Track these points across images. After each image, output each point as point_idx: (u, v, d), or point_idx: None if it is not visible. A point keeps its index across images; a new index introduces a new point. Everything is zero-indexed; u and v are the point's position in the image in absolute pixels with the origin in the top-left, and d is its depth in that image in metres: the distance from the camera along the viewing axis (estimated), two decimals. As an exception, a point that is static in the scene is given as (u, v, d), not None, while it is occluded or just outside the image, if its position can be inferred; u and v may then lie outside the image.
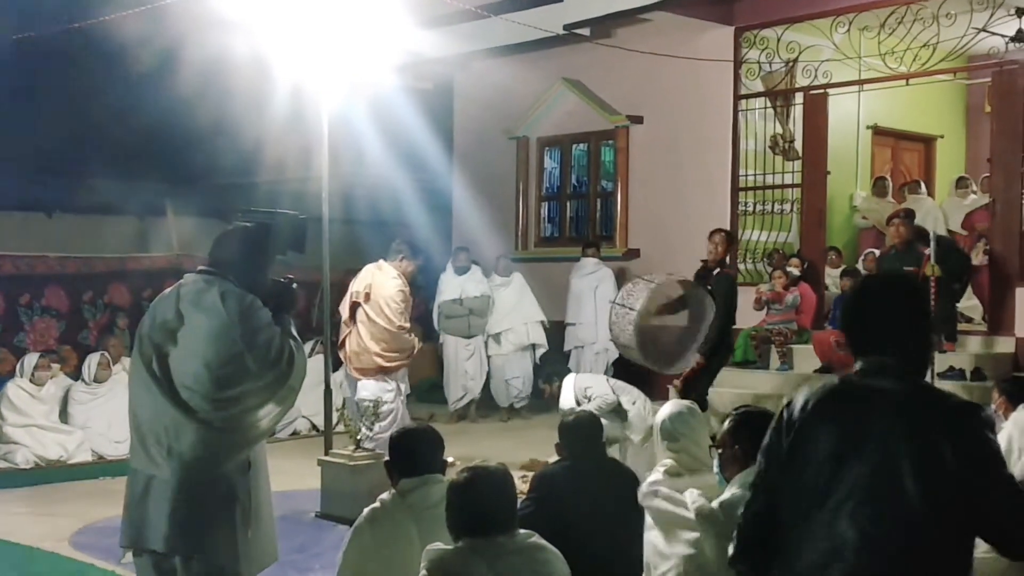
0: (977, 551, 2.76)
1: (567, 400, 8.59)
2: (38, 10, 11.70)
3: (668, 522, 4.41)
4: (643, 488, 4.60)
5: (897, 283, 3.05)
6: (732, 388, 10.66)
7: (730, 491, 4.12)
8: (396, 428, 7.78)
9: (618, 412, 8.46)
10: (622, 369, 10.05)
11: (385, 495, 4.05)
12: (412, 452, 4.07)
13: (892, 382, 2.78)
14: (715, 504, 4.23)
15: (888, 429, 2.70)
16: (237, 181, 15.75)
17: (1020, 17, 10.66)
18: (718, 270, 9.19)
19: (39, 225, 14.66)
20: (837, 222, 13.11)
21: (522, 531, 3.43)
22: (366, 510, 4.03)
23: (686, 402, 5.77)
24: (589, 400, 8.48)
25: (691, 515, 4.27)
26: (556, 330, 12.50)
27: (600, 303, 11.84)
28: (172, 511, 3.84)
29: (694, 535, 4.30)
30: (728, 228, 10.88)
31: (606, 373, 12.22)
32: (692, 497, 4.33)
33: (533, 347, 12.53)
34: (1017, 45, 10.71)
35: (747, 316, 10.96)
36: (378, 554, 3.91)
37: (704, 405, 8.70)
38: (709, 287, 9.03)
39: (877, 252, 11.44)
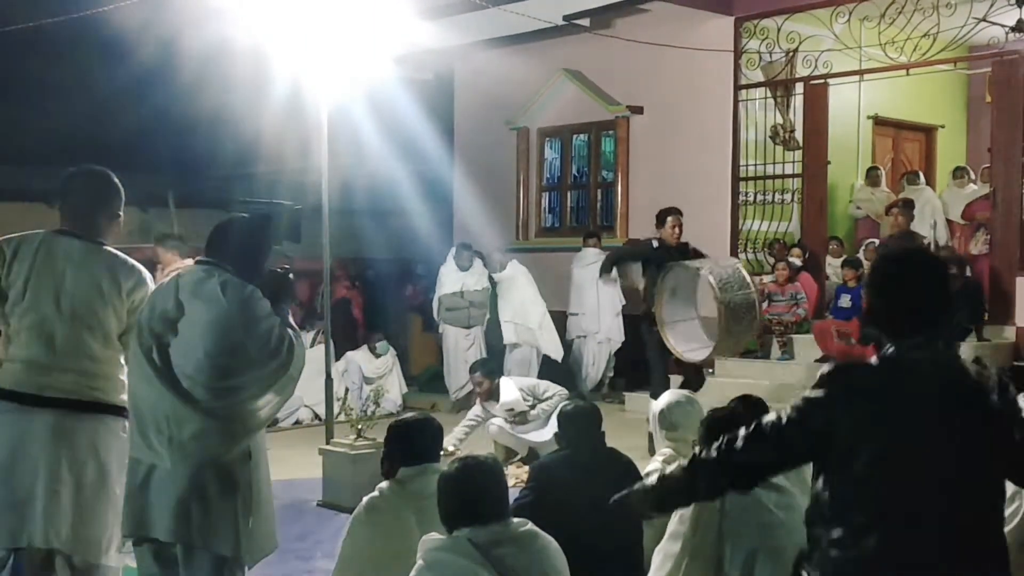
0: None
1: (509, 396, 8.71)
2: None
3: None
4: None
5: (927, 261, 3.02)
6: (731, 378, 10.67)
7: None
8: None
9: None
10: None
11: (384, 484, 4.08)
12: (411, 441, 4.10)
13: (936, 360, 2.81)
14: None
15: (947, 406, 2.75)
16: (238, 172, 15.78)
17: (1020, 7, 10.65)
18: None
19: (40, 216, 14.61)
20: (838, 212, 13.12)
21: (516, 520, 3.46)
22: (365, 499, 4.06)
23: (685, 391, 5.79)
24: (550, 396, 8.71)
25: None
26: (558, 320, 12.49)
27: (602, 293, 11.86)
28: (174, 500, 3.85)
29: None
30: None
31: (608, 363, 12.27)
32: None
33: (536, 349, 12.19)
34: (1017, 35, 10.71)
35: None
36: (377, 542, 3.94)
37: None
38: None
39: (877, 242, 11.45)
